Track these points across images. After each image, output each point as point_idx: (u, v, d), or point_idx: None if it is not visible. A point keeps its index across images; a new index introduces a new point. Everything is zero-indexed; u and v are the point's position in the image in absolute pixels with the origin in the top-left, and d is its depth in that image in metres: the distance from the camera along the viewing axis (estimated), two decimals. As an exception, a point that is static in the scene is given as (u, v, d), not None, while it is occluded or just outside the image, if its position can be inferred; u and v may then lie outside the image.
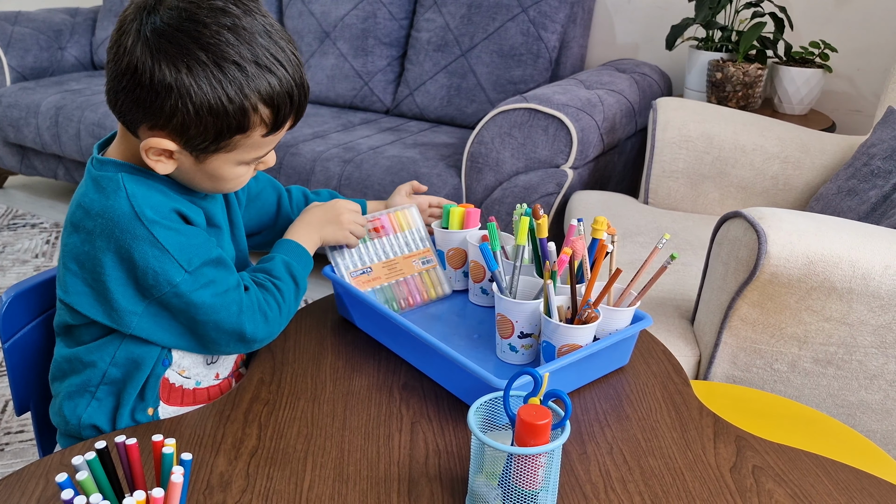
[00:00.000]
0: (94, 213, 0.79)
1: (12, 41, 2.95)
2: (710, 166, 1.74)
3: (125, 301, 0.81)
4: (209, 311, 0.84)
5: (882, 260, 1.00)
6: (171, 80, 0.74)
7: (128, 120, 0.79)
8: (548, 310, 0.91)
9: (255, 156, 0.83)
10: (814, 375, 1.11)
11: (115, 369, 0.85)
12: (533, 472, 0.69)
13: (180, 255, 0.80)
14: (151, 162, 0.80)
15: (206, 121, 0.76)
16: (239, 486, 0.75)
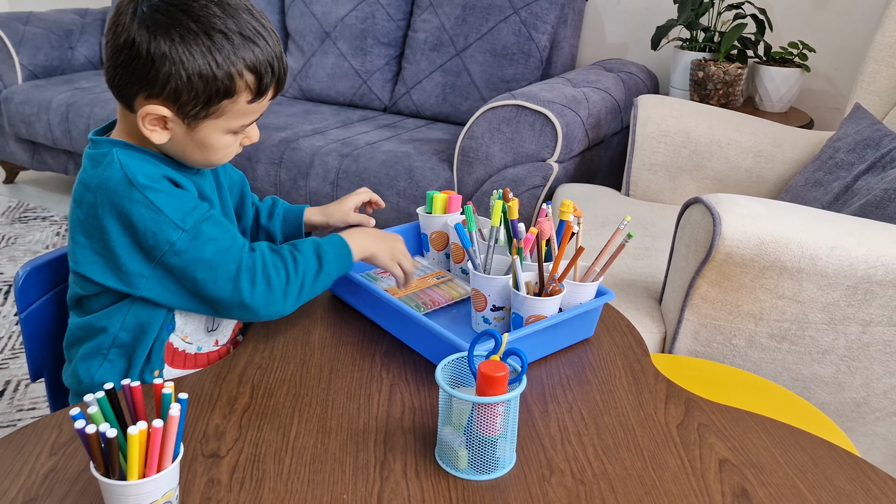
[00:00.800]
0: (93, 186, 0.88)
1: (24, 40, 3.05)
2: (688, 160, 1.83)
3: (133, 264, 0.89)
4: (207, 268, 0.89)
5: (829, 241, 1.09)
6: (166, 49, 0.83)
7: (125, 94, 0.88)
8: (516, 284, 0.99)
9: (240, 123, 0.91)
10: (770, 350, 1.20)
11: (125, 333, 0.94)
12: (492, 420, 0.77)
13: (174, 214, 0.87)
14: (147, 131, 0.88)
15: (196, 86, 0.85)
16: (232, 436, 0.84)
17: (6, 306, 2.24)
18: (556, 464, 0.81)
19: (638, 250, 1.54)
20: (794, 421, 1.05)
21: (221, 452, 0.81)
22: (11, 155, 3.15)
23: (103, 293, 0.94)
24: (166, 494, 0.65)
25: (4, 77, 3.05)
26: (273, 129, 2.46)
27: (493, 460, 0.78)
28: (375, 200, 1.20)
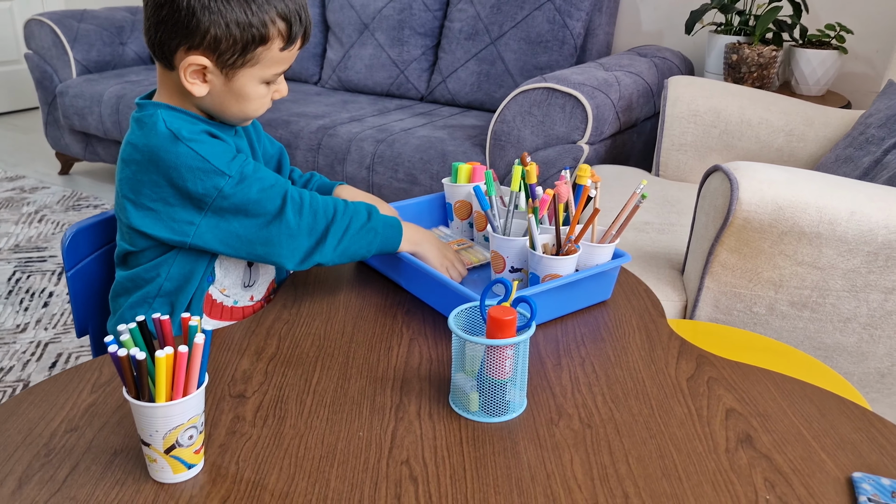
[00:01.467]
0: (141, 145, 0.95)
1: (78, 37, 3.18)
2: (718, 139, 1.83)
3: (183, 213, 0.95)
4: (256, 205, 0.95)
5: (848, 206, 1.09)
6: (206, 1, 0.90)
7: (166, 50, 0.94)
8: (532, 243, 1.03)
9: (273, 71, 0.97)
10: (791, 318, 1.20)
11: (169, 283, 1.01)
12: (502, 363, 0.81)
13: (218, 161, 0.94)
14: (188, 84, 0.94)
15: (234, 34, 0.91)
16: (258, 380, 0.89)
17: (59, 286, 2.35)
18: (566, 409, 0.84)
19: (663, 225, 1.55)
20: (813, 381, 1.06)
21: (247, 394, 0.86)
22: (66, 147, 3.29)
23: (151, 248, 1.00)
24: (192, 419, 0.70)
25: (60, 72, 3.18)
26: (312, 116, 2.52)
27: (503, 403, 0.82)
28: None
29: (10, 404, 0.83)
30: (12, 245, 2.64)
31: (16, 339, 2.04)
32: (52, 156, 3.65)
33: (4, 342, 2.03)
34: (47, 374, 1.88)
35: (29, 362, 1.93)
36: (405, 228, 1.06)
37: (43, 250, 2.61)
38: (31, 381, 1.85)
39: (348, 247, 1.01)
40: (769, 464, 0.76)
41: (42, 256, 2.56)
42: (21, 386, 1.84)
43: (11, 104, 4.44)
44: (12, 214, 2.92)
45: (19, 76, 4.40)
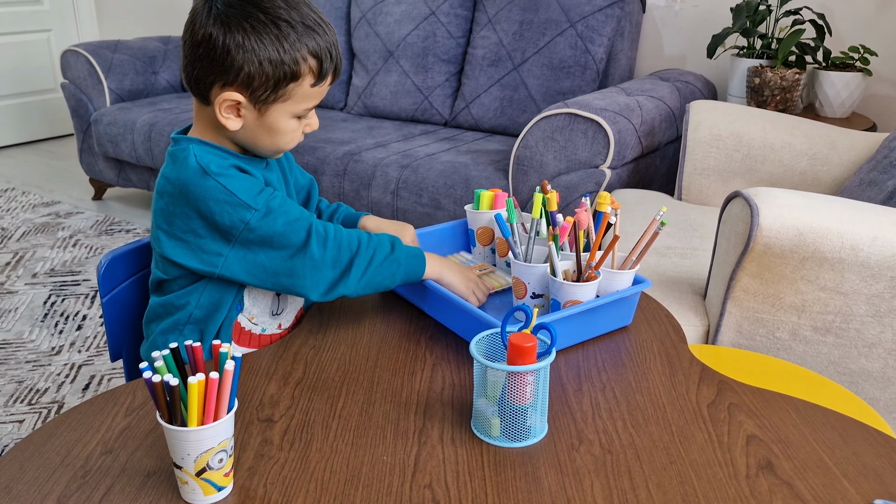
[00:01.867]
0: (173, 178, 0.99)
1: (112, 66, 3.27)
2: (740, 163, 1.83)
3: (212, 245, 0.99)
4: (281, 239, 0.98)
5: (870, 231, 1.09)
6: (240, 39, 0.94)
7: (202, 86, 0.98)
8: (553, 269, 1.04)
9: (304, 106, 1.01)
10: (814, 343, 1.20)
11: (199, 311, 1.04)
12: (522, 389, 0.82)
13: (245, 195, 0.97)
14: (223, 118, 0.98)
15: (267, 70, 0.95)
16: (285, 404, 0.91)
17: (93, 309, 2.40)
18: (586, 435, 0.85)
19: (685, 250, 1.56)
20: (838, 409, 1.05)
21: (275, 418, 0.88)
22: (100, 173, 3.37)
23: (182, 276, 1.04)
24: (222, 443, 0.73)
25: (94, 101, 3.28)
26: (338, 143, 2.57)
27: (524, 429, 0.83)
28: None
29: (49, 426, 0.86)
30: (48, 269, 2.72)
31: (51, 361, 2.10)
32: (86, 182, 3.75)
33: (40, 364, 2.08)
34: (81, 396, 1.92)
35: (63, 384, 1.98)
36: (428, 258, 1.09)
37: (77, 274, 2.67)
38: (66, 403, 1.90)
39: (372, 278, 1.03)
40: (790, 491, 0.76)
41: (76, 280, 2.62)
42: (56, 407, 1.88)
43: (48, 132, 4.57)
44: (48, 239, 3.00)
45: (55, 104, 4.53)
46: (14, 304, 2.44)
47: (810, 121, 1.88)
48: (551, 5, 2.61)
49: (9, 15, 4.24)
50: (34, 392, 1.95)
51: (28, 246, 2.93)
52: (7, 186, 3.69)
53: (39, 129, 4.52)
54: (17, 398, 1.92)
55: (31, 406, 1.89)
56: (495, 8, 2.74)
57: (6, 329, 2.28)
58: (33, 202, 3.45)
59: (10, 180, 3.81)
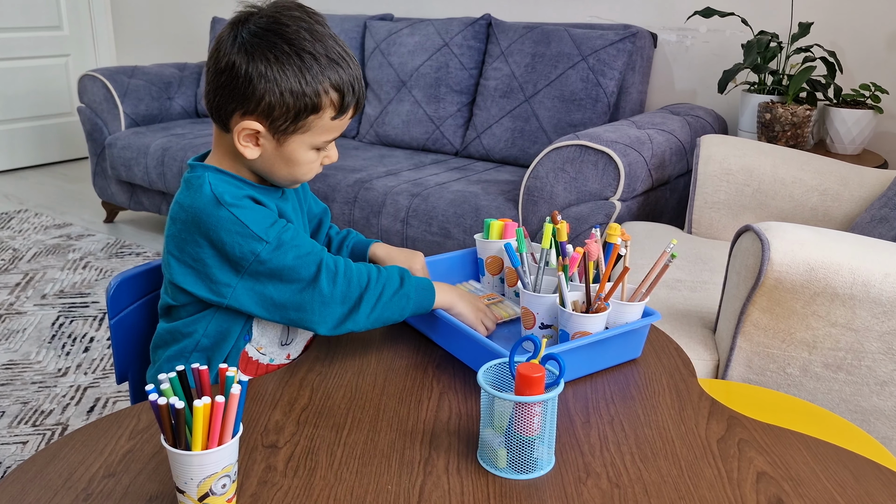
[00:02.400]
0: (187, 205, 0.99)
1: (128, 91, 3.32)
2: (751, 198, 1.83)
3: (221, 275, 0.98)
4: (291, 271, 0.98)
5: (882, 268, 1.09)
6: (263, 69, 0.94)
7: (223, 113, 0.98)
8: (562, 300, 1.04)
9: (323, 139, 1.01)
10: (825, 380, 1.19)
11: (206, 339, 1.04)
12: (530, 420, 0.82)
13: (257, 227, 0.97)
14: (241, 147, 0.98)
15: (287, 101, 0.95)
16: (290, 431, 0.90)
17: (100, 331, 2.41)
18: (594, 468, 0.84)
19: (695, 283, 1.55)
20: (847, 446, 1.04)
21: (279, 444, 0.87)
22: (112, 196, 3.40)
23: (191, 303, 1.03)
24: (226, 468, 0.72)
25: (110, 125, 3.32)
26: (349, 170, 2.59)
27: (531, 461, 0.82)
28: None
29: (52, 448, 0.85)
30: (57, 290, 2.73)
31: (56, 382, 2.09)
32: (98, 204, 3.78)
33: (46, 385, 2.08)
34: (85, 419, 1.92)
35: (68, 406, 1.98)
36: (437, 288, 1.08)
37: (86, 296, 2.68)
38: (70, 425, 1.89)
39: (381, 313, 1.03)
40: (801, 530, 0.75)
41: (85, 302, 2.63)
42: (60, 429, 1.88)
43: (62, 154, 4.62)
44: (58, 260, 3.02)
45: (71, 128, 4.58)
46: (22, 325, 2.44)
47: (821, 157, 1.88)
48: (563, 39, 2.63)
49: (29, 40, 4.32)
50: (39, 413, 1.94)
51: (38, 267, 2.95)
52: (20, 208, 3.73)
53: (54, 151, 4.58)
54: (21, 419, 1.91)
55: (35, 427, 1.88)
56: (508, 41, 2.77)
57: (13, 349, 2.28)
58: (45, 224, 3.48)
59: (23, 202, 3.85)
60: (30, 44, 4.32)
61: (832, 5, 2.40)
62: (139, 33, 4.55)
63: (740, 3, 2.54)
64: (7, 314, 2.53)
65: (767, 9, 2.50)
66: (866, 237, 1.16)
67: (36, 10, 4.32)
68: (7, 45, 4.23)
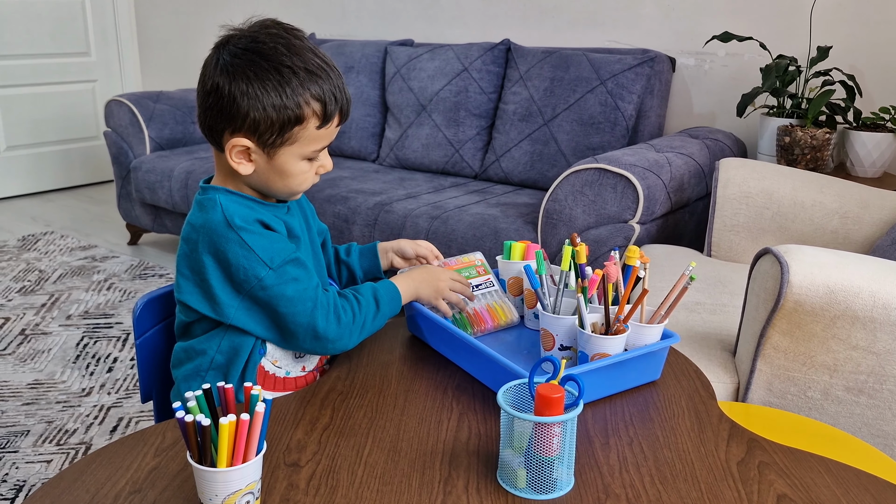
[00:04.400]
0: (198, 226, 1.02)
1: (154, 116, 3.38)
2: (770, 221, 1.83)
3: (224, 295, 1.02)
4: (289, 304, 1.02)
5: (902, 291, 1.09)
6: (244, 87, 0.98)
7: (214, 133, 1.02)
8: (581, 322, 1.05)
9: (312, 148, 1.04)
10: (847, 404, 1.18)
11: (220, 356, 1.06)
12: (549, 440, 0.82)
13: (264, 254, 1.01)
14: (234, 164, 1.02)
15: (271, 115, 0.99)
16: (312, 450, 0.92)
17: (124, 351, 2.44)
18: (613, 489, 0.84)
19: (715, 306, 1.55)
20: (871, 471, 1.03)
21: (301, 463, 0.89)
22: (136, 219, 3.46)
23: (202, 320, 1.06)
24: (249, 485, 0.74)
25: (135, 148, 3.38)
26: (369, 193, 2.62)
27: (550, 481, 0.83)
28: (429, 258, 1.29)
29: (80, 465, 0.87)
30: (82, 311, 2.77)
31: (81, 402, 2.12)
32: (122, 227, 3.84)
33: (70, 405, 2.11)
34: (108, 438, 1.94)
35: (92, 426, 2.00)
36: (400, 287, 1.14)
37: (110, 317, 2.72)
38: (93, 445, 1.91)
39: (366, 333, 1.11)
40: (822, 553, 0.75)
41: (109, 323, 2.67)
42: (83, 448, 1.90)
43: (88, 177, 4.70)
44: (83, 282, 3.07)
45: (97, 152, 4.67)
46: (48, 345, 2.48)
47: (841, 180, 1.88)
48: (582, 63, 2.66)
49: (58, 66, 4.42)
50: (63, 432, 1.97)
51: (64, 288, 3.00)
52: (46, 230, 3.79)
53: (80, 175, 4.66)
54: (46, 438, 1.94)
55: (59, 446, 1.91)
56: (527, 65, 2.80)
57: (39, 369, 2.32)
58: (71, 245, 3.54)
59: (49, 224, 3.92)
60: (58, 70, 4.43)
61: (850, 29, 2.40)
62: (164, 59, 4.65)
63: (758, 28, 2.55)
64: (33, 334, 2.57)
65: (785, 33, 2.51)
66: (886, 260, 1.15)
67: (65, 37, 4.43)
68: (36, 70, 4.33)
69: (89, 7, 4.51)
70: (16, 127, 4.32)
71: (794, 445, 0.95)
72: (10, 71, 4.22)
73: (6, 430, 1.97)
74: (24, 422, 2.02)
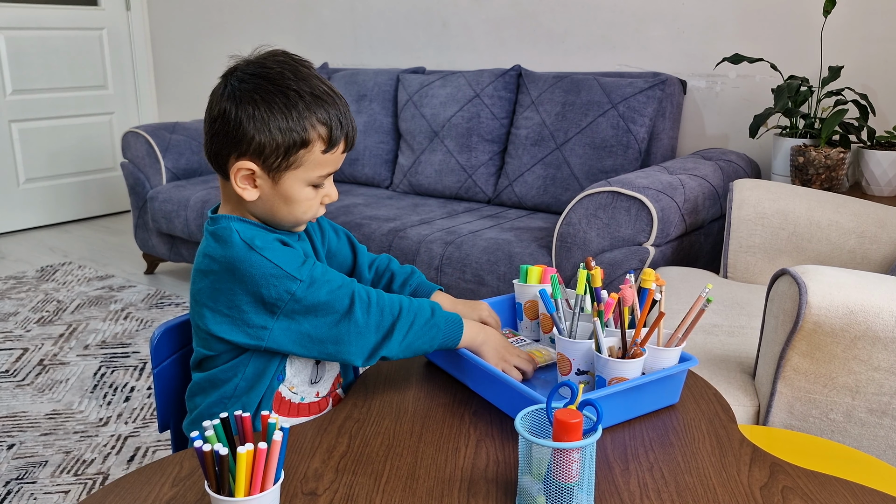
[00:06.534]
0: (218, 256, 1.02)
1: (170, 147, 3.43)
2: (787, 241, 1.82)
3: (258, 318, 1.01)
4: (325, 308, 1.02)
5: (924, 311, 1.07)
6: (251, 110, 0.99)
7: (220, 158, 1.03)
8: (598, 346, 1.04)
9: (317, 174, 1.04)
10: (870, 426, 1.16)
11: (244, 382, 1.06)
12: (568, 466, 0.81)
13: (290, 267, 1.01)
14: (239, 189, 1.02)
15: (276, 138, 0.99)
16: (329, 478, 0.91)
17: (141, 381, 2.44)
18: (634, 516, 0.83)
19: (732, 328, 1.53)
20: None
21: (318, 491, 0.88)
22: (153, 248, 3.49)
23: (227, 351, 1.06)
24: (267, 514, 0.73)
25: (151, 179, 3.42)
26: (383, 219, 2.63)
27: (570, 508, 0.82)
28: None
29: (97, 496, 0.87)
30: (99, 341, 2.78)
31: (98, 432, 2.13)
32: (139, 256, 3.87)
33: (87, 435, 2.11)
34: (125, 468, 1.94)
35: (109, 455, 2.00)
36: (467, 326, 1.10)
37: (127, 346, 2.73)
38: (111, 475, 1.91)
39: (413, 342, 1.06)
40: (850, 580, 0.73)
41: (126, 352, 2.68)
42: (101, 478, 1.90)
43: (105, 208, 4.75)
44: (100, 311, 3.09)
45: (113, 182, 4.73)
46: (66, 375, 2.50)
47: (857, 199, 1.87)
48: (593, 87, 2.67)
49: (76, 99, 4.50)
50: (80, 463, 1.97)
51: (81, 318, 3.02)
52: (64, 260, 3.83)
53: (97, 205, 4.71)
54: (63, 469, 1.94)
55: (76, 477, 1.91)
56: (538, 90, 2.82)
57: (56, 399, 2.33)
58: (88, 276, 3.57)
59: (67, 254, 3.96)
60: (76, 103, 4.50)
61: (862, 49, 2.40)
62: (180, 91, 4.71)
63: (769, 49, 2.56)
64: (51, 364, 2.58)
65: (796, 53, 2.51)
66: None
67: (83, 71, 4.50)
68: (55, 104, 4.40)
69: (106, 41, 4.59)
70: (34, 160, 4.38)
71: (818, 469, 0.94)
72: (28, 105, 4.30)
73: (24, 462, 1.98)
74: (42, 452, 2.02)
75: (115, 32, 4.63)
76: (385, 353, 1.05)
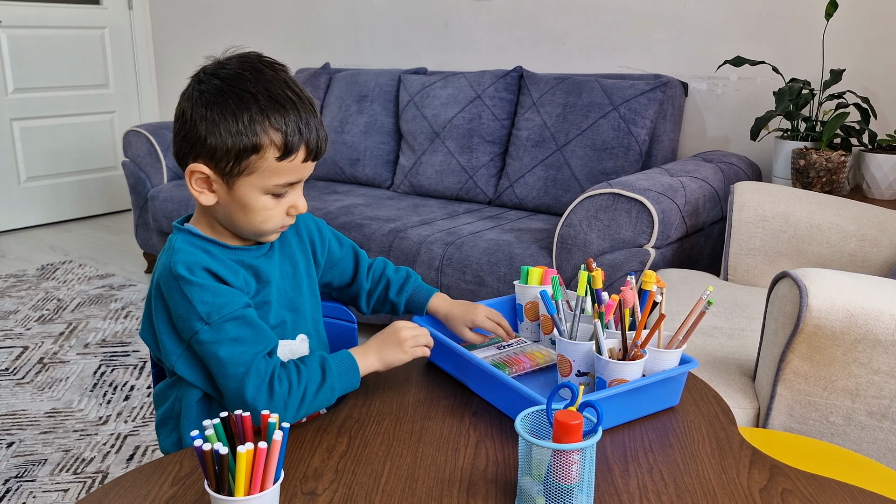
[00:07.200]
0: (157, 267, 1.02)
1: (171, 146, 3.43)
2: (787, 244, 1.82)
3: (169, 342, 1.00)
4: (219, 365, 0.97)
5: (924, 314, 1.07)
6: (204, 111, 0.96)
7: (181, 158, 1.01)
8: (598, 347, 1.04)
9: (274, 182, 0.99)
10: (870, 429, 1.16)
11: (178, 403, 1.07)
12: (568, 467, 0.81)
13: (202, 307, 0.96)
14: (196, 192, 1.00)
15: (226, 141, 0.96)
16: (329, 478, 0.91)
17: (140, 380, 2.44)
18: (633, 518, 0.83)
19: (733, 330, 1.53)
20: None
21: (318, 491, 0.88)
22: (153, 247, 3.49)
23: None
24: (267, 514, 0.73)
25: (152, 178, 3.42)
26: (384, 220, 2.63)
27: (569, 509, 0.82)
28: (500, 334, 1.23)
29: (97, 494, 0.87)
30: (99, 340, 2.78)
31: (97, 430, 2.13)
32: (139, 255, 3.87)
33: (87, 433, 2.11)
34: (125, 467, 1.94)
35: (108, 454, 2.00)
36: (359, 357, 1.06)
37: (127, 345, 2.73)
38: (110, 473, 1.91)
39: (308, 409, 1.01)
40: (849, 583, 0.73)
41: (126, 351, 2.68)
42: (100, 477, 1.90)
43: (106, 207, 4.76)
44: (101, 310, 3.09)
45: (114, 181, 4.73)
46: (65, 374, 2.50)
47: (858, 202, 1.87)
48: (594, 89, 2.67)
49: (77, 98, 4.50)
50: (80, 461, 1.97)
51: (82, 317, 3.02)
52: (65, 259, 3.83)
53: (98, 204, 4.72)
54: (63, 467, 1.94)
55: (76, 475, 1.91)
56: (539, 92, 2.82)
57: (56, 398, 2.33)
58: (89, 274, 3.57)
59: (67, 253, 3.96)
60: (78, 101, 4.50)
61: (863, 52, 2.41)
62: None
63: (770, 52, 2.56)
64: (51, 363, 2.58)
65: (798, 56, 2.51)
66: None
67: (84, 71, 4.50)
68: (56, 102, 4.40)
69: (108, 40, 4.60)
70: (35, 158, 4.39)
71: (818, 472, 0.94)
72: (30, 103, 4.30)
73: (24, 460, 1.98)
74: (41, 451, 2.02)
75: (117, 31, 4.63)
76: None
